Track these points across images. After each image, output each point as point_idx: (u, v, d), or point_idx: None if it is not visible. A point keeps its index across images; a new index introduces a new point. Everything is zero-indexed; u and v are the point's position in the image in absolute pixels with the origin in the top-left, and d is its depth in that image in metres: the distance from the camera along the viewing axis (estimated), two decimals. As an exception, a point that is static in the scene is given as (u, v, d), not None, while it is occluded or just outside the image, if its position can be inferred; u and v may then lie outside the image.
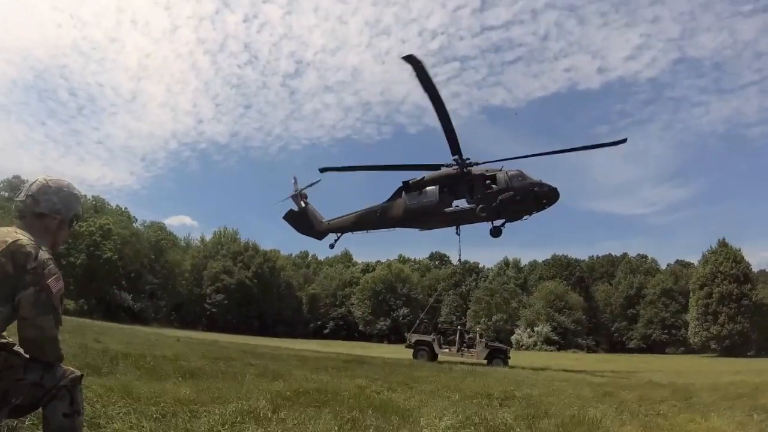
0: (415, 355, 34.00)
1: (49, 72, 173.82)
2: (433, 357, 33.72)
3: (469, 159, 29.21)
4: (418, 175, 30.41)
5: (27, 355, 3.35)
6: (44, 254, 3.33)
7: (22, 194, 3.58)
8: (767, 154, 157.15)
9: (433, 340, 34.94)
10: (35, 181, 3.63)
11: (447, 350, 34.54)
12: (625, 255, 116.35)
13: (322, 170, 32.73)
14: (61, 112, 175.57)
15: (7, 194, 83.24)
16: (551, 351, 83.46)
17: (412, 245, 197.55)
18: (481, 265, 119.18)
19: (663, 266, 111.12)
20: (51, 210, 3.56)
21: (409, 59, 26.31)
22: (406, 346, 36.90)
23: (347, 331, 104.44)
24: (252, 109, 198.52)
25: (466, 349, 34.22)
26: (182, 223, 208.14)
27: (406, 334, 40.44)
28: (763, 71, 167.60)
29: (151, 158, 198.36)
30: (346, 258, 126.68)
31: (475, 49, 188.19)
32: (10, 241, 3.25)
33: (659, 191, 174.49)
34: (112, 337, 19.46)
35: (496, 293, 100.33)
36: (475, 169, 29.28)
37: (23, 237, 3.32)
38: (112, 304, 78.09)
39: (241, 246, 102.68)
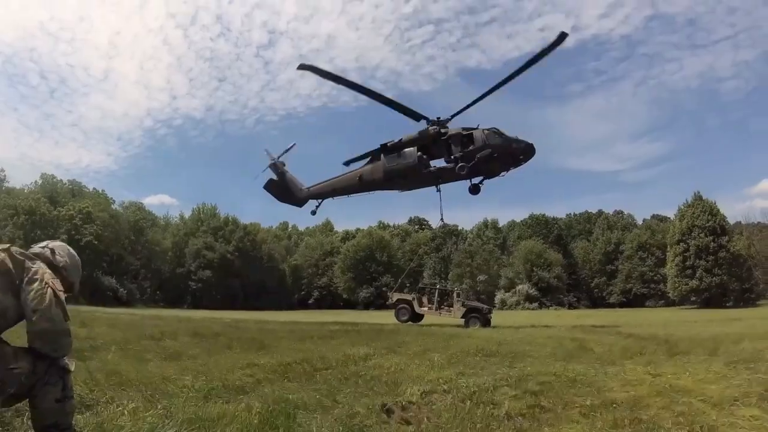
0: (396, 314, 34.92)
1: (17, 56, 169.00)
2: (414, 315, 34.63)
3: (440, 117, 29.45)
4: (389, 128, 30.50)
5: (29, 346, 3.48)
6: (44, 266, 3.64)
7: (42, 244, 3.94)
8: (740, 109, 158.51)
9: (414, 299, 35.70)
10: (59, 240, 4.09)
11: (426, 309, 35.31)
12: (601, 212, 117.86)
13: (301, 67, 31.39)
14: (32, 97, 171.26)
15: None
16: (533, 309, 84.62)
17: (391, 210, 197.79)
18: (460, 228, 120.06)
19: (639, 221, 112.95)
20: (62, 265, 3.87)
21: (304, 68, 26.65)
22: (388, 304, 37.81)
23: (331, 300, 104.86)
24: (226, 82, 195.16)
25: (445, 308, 35.03)
26: (161, 202, 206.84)
27: (388, 293, 41.52)
28: (735, 26, 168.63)
29: (127, 138, 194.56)
30: (327, 227, 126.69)
31: (450, 11, 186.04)
32: (7, 245, 3.57)
33: (634, 147, 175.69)
34: (97, 321, 19.39)
35: (476, 254, 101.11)
36: (452, 129, 29.45)
37: (15, 247, 3.60)
38: (96, 289, 77.35)
39: (221, 221, 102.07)
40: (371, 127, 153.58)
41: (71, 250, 4.00)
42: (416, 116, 29.75)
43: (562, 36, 26.87)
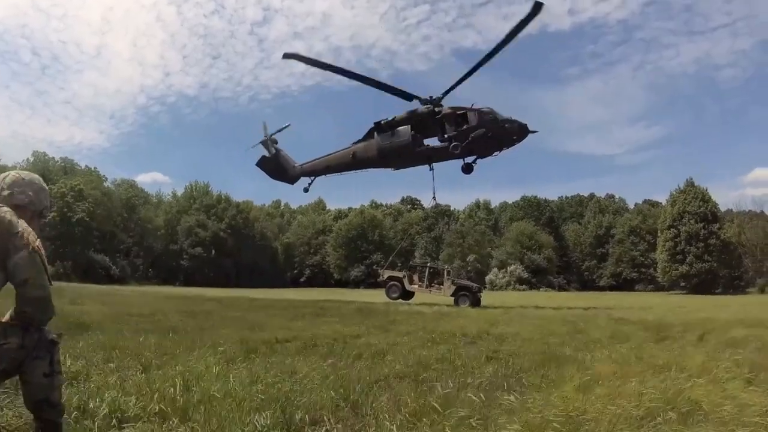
0: (387, 291, 35.35)
1: (9, 33, 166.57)
2: (404, 293, 35.01)
3: (432, 96, 29.45)
4: (383, 105, 30.58)
5: (14, 319, 3.41)
6: (23, 222, 3.42)
7: None
8: (736, 96, 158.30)
9: (404, 276, 36.02)
10: (8, 175, 3.71)
11: (417, 287, 35.59)
12: (593, 195, 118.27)
13: (286, 56, 31.26)
14: (24, 74, 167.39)
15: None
16: (524, 290, 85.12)
17: (384, 189, 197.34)
18: (452, 208, 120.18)
19: (631, 206, 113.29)
20: (25, 202, 3.64)
21: (289, 57, 28.33)
22: (379, 281, 38.24)
23: (323, 278, 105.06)
24: (220, 60, 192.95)
25: (435, 286, 35.30)
26: (154, 180, 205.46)
27: (379, 270, 41.63)
28: (733, 14, 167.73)
29: (120, 115, 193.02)
30: (320, 206, 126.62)
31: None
32: None
33: (629, 132, 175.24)
34: (89, 299, 19.47)
35: (467, 235, 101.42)
36: (446, 108, 29.48)
37: (2, 206, 3.41)
38: (88, 266, 77.24)
39: (214, 199, 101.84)
40: (365, 107, 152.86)
41: (26, 177, 3.76)
42: (408, 96, 29.73)
43: (538, 5, 26.49)
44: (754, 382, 6.43)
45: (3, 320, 3.45)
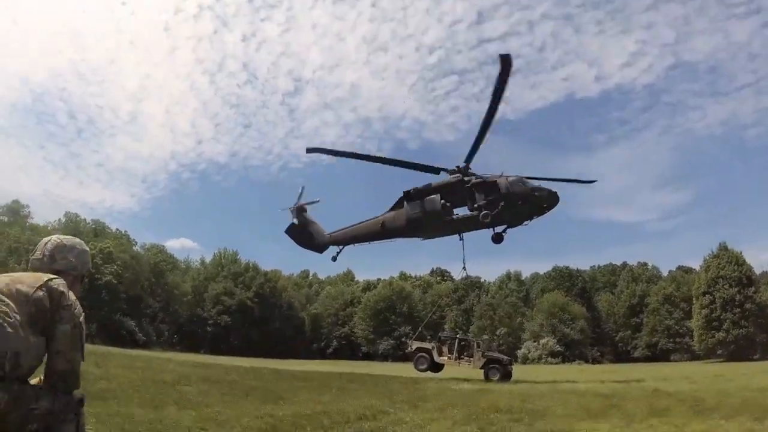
0: (415, 363, 34.62)
1: (48, 95, 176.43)
2: (433, 364, 34.27)
3: (459, 166, 29.61)
4: (413, 174, 30.36)
5: (43, 384, 3.39)
6: (72, 295, 3.45)
7: (38, 253, 3.69)
8: (764, 155, 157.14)
9: (433, 347, 35.13)
10: (50, 240, 3.78)
11: (446, 358, 34.71)
12: (625, 264, 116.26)
13: (309, 150, 32.93)
14: (60, 135, 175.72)
15: (6, 219, 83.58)
16: (556, 363, 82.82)
17: (413, 260, 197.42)
18: (483, 280, 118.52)
19: (665, 273, 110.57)
20: (67, 267, 3.69)
21: (312, 151, 30.60)
22: (407, 352, 37.55)
23: (350, 350, 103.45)
24: (251, 129, 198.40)
25: (465, 358, 34.39)
26: (182, 246, 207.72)
27: (407, 341, 41.00)
28: (758, 72, 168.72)
29: (152, 180, 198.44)
30: (348, 276, 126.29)
31: (473, 61, 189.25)
32: (46, 279, 3.36)
33: (658, 197, 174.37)
34: (113, 362, 19.27)
35: (498, 307, 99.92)
36: (475, 177, 29.49)
37: (57, 277, 3.43)
38: (114, 330, 77.41)
39: (242, 267, 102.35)
40: (395, 176, 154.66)
41: (68, 242, 3.83)
42: (435, 170, 29.91)
43: (505, 59, 25.96)
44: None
45: (34, 382, 3.43)
